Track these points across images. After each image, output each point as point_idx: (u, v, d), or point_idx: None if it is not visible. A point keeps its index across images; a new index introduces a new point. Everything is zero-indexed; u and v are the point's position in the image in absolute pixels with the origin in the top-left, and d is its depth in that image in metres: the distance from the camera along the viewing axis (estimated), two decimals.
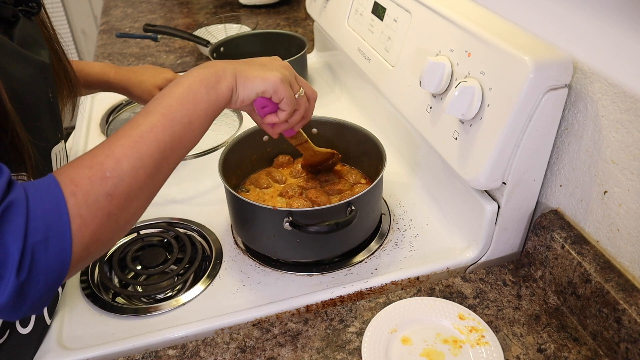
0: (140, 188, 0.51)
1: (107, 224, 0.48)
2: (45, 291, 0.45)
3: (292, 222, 0.71)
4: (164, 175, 0.54)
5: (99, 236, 0.48)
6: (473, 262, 0.79)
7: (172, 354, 0.67)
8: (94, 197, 0.47)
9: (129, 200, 0.50)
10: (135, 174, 0.50)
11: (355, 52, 1.04)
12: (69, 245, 0.45)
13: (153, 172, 0.52)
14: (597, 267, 0.66)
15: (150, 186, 0.52)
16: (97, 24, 2.76)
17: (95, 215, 0.47)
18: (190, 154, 0.95)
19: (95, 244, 0.48)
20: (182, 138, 0.54)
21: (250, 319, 0.72)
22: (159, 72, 0.98)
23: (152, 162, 0.51)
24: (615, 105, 0.63)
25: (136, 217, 0.53)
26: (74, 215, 0.45)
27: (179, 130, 0.54)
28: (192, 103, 0.56)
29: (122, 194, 0.49)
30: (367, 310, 0.71)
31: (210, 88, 0.58)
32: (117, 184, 0.48)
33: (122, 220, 0.50)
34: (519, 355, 0.65)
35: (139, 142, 0.51)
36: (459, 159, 0.72)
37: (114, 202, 0.48)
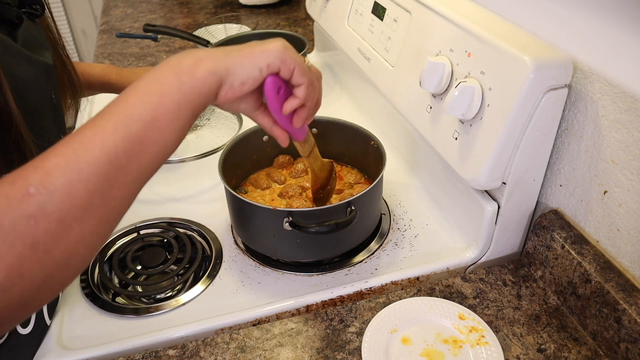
0: (81, 208, 0.39)
1: (33, 256, 0.37)
2: None
3: (292, 222, 0.71)
4: (122, 192, 0.42)
5: (22, 272, 0.36)
6: (473, 262, 0.79)
7: (172, 354, 0.67)
8: (10, 220, 0.36)
9: (65, 225, 0.38)
10: (70, 190, 0.38)
11: (355, 52, 1.04)
12: None
13: (100, 187, 0.40)
14: (597, 267, 0.66)
15: (99, 206, 0.40)
16: (97, 24, 2.76)
17: (12, 243, 0.36)
18: (189, 156, 0.95)
19: (20, 283, 0.36)
20: (143, 140, 0.42)
21: (250, 319, 0.72)
22: None
23: (95, 173, 0.39)
24: (615, 105, 0.63)
25: (86, 246, 0.40)
26: None
27: (136, 130, 0.42)
28: (157, 95, 0.43)
29: (51, 216, 0.37)
30: (367, 310, 0.71)
31: (183, 74, 0.45)
32: (44, 203, 0.37)
33: (59, 251, 0.38)
34: (519, 355, 0.65)
35: (77, 150, 0.40)
36: (459, 159, 0.72)
37: (40, 227, 0.37)
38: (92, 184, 0.39)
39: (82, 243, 0.40)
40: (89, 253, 0.41)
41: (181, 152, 0.99)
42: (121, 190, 0.42)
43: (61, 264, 0.39)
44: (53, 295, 0.41)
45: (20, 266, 0.36)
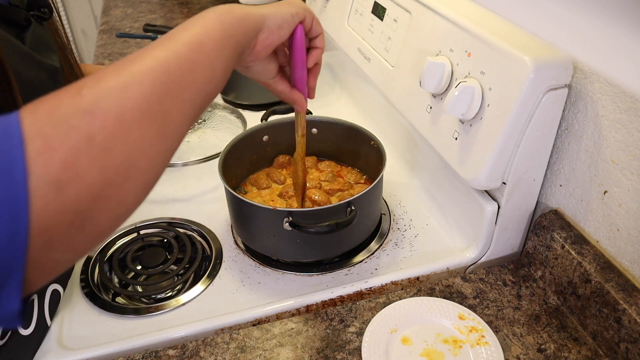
0: (138, 110, 0.37)
1: (90, 152, 0.34)
2: None
3: (292, 222, 0.71)
4: (179, 105, 0.41)
5: (78, 170, 0.33)
6: (473, 262, 0.79)
7: (172, 354, 0.67)
8: (61, 114, 0.34)
9: (124, 126, 0.36)
10: (125, 90, 0.37)
11: (355, 52, 1.04)
12: (21, 170, 0.31)
13: (156, 93, 0.38)
14: (597, 267, 0.66)
15: (157, 113, 0.38)
16: (97, 24, 2.76)
17: (65, 135, 0.33)
18: (192, 160, 0.95)
19: (76, 183, 0.33)
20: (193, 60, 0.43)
21: (250, 319, 0.72)
22: None
23: (150, 79, 0.38)
24: (615, 105, 0.63)
25: (145, 157, 0.38)
26: (30, 135, 0.32)
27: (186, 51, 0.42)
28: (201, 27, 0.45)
29: (107, 112, 0.35)
30: (367, 310, 0.71)
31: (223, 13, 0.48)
32: (99, 100, 0.35)
33: (118, 153, 0.35)
34: (519, 355, 0.65)
35: (128, 63, 0.39)
36: (459, 159, 0.72)
37: (95, 122, 0.34)
38: (147, 88, 0.38)
39: (142, 150, 0.37)
40: (149, 168, 0.38)
41: (184, 155, 0.99)
42: (177, 103, 0.40)
43: (120, 171, 0.36)
44: (109, 219, 0.36)
45: (75, 162, 0.33)
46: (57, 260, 0.35)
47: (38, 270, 0.33)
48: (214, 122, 1.11)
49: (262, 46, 0.53)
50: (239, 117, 1.10)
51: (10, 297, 0.32)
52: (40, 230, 0.32)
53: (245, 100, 1.19)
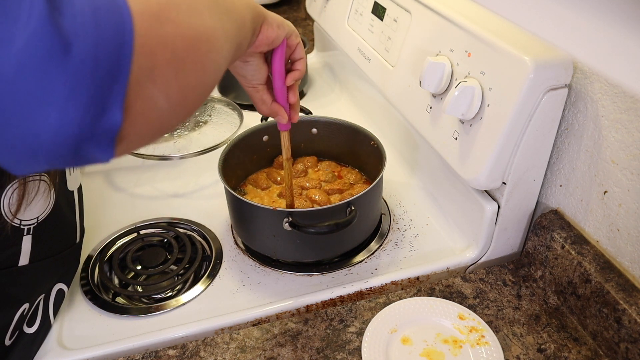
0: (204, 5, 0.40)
1: (175, 9, 0.36)
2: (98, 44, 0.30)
3: (291, 223, 0.71)
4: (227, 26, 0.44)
5: (170, 15, 0.35)
6: (473, 262, 0.79)
7: (172, 354, 0.67)
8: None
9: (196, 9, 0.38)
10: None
11: (355, 52, 1.04)
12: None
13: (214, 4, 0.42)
14: (597, 267, 0.66)
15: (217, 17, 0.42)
16: None
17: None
18: (190, 152, 0.95)
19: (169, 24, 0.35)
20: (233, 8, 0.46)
21: (250, 319, 0.72)
22: None
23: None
24: (615, 105, 0.63)
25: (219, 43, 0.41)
26: None
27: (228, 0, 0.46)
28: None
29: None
30: (367, 310, 0.71)
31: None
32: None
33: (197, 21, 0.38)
34: (519, 355, 0.65)
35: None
36: (459, 159, 0.72)
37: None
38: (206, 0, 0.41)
39: (213, 33, 0.40)
40: (221, 53, 0.41)
41: (183, 148, 0.99)
42: (229, 21, 0.44)
43: (203, 37, 0.38)
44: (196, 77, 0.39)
45: (168, 10, 0.35)
46: (153, 98, 0.35)
47: (137, 102, 0.33)
48: (211, 115, 1.11)
49: (264, 36, 0.57)
50: (235, 109, 1.10)
51: (113, 107, 0.32)
52: (144, 51, 0.33)
53: (246, 100, 1.19)
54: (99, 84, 0.31)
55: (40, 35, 0.29)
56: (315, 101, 1.26)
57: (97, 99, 0.31)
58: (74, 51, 0.29)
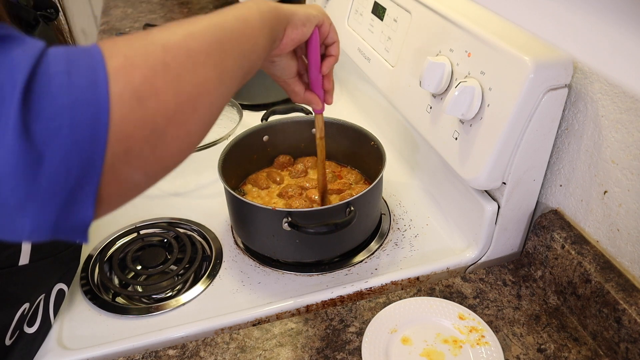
0: (204, 53, 0.41)
1: (166, 75, 0.37)
2: (70, 149, 0.31)
3: (291, 223, 0.71)
4: (233, 59, 0.45)
5: (157, 88, 0.36)
6: (473, 262, 0.79)
7: (172, 354, 0.67)
8: (140, 44, 0.37)
9: (192, 61, 0.39)
10: (191, 36, 0.41)
11: (355, 52, 1.04)
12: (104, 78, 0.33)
13: (215, 45, 0.42)
14: (597, 267, 0.66)
15: (218, 61, 0.42)
16: (97, 24, 2.76)
17: (145, 58, 0.36)
18: None
19: (154, 100, 0.35)
20: (240, 30, 0.47)
21: (250, 319, 0.72)
22: None
23: (210, 34, 0.43)
24: (615, 105, 0.63)
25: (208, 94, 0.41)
26: (112, 54, 0.35)
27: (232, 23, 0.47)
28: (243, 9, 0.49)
29: (179, 48, 0.39)
30: (367, 310, 0.71)
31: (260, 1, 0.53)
32: (169, 38, 0.39)
33: (188, 80, 0.38)
34: (519, 355, 0.65)
35: (184, 22, 0.43)
36: (459, 159, 0.72)
37: (169, 53, 0.38)
38: (208, 37, 0.42)
39: (206, 89, 0.40)
40: (209, 106, 0.41)
41: None
42: (231, 56, 0.44)
43: (190, 100, 0.39)
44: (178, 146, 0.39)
45: (154, 80, 0.36)
46: (128, 178, 0.36)
47: (111, 185, 0.34)
48: None
49: (288, 39, 0.57)
50: (233, 105, 1.10)
51: (85, 204, 0.33)
52: (119, 137, 0.33)
53: (246, 100, 1.19)
54: (71, 187, 0.32)
55: (11, 152, 0.30)
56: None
57: (69, 200, 0.32)
58: (45, 164, 0.31)
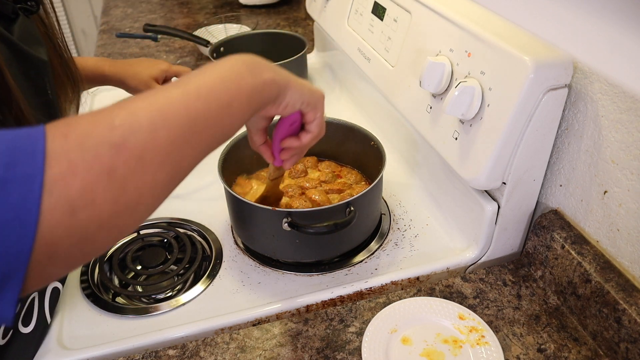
0: (160, 153, 0.39)
1: (108, 183, 0.35)
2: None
3: (291, 223, 0.71)
4: (193, 154, 0.43)
5: (95, 197, 0.35)
6: (473, 262, 0.79)
7: (172, 354, 0.67)
8: (92, 143, 0.35)
9: (143, 164, 0.38)
10: (154, 132, 0.38)
11: (355, 52, 1.04)
12: (37, 190, 0.32)
13: (179, 141, 0.40)
14: (597, 267, 0.66)
15: (175, 158, 0.40)
16: (97, 24, 2.76)
17: (90, 164, 0.35)
18: None
19: (89, 209, 0.35)
20: (218, 118, 0.45)
21: (250, 319, 0.72)
22: (155, 64, 0.99)
23: (178, 126, 0.40)
24: (615, 105, 0.63)
25: (153, 196, 0.40)
26: (57, 156, 0.34)
27: (215, 106, 0.44)
28: (234, 83, 0.47)
29: (133, 150, 0.37)
30: (367, 310, 0.71)
31: (256, 75, 0.49)
32: (128, 136, 0.37)
33: (131, 189, 0.37)
34: (519, 355, 0.65)
35: (163, 103, 0.40)
36: (459, 159, 0.72)
37: (120, 157, 0.36)
38: (173, 133, 0.40)
39: (152, 190, 0.39)
40: (152, 204, 0.41)
41: None
42: (194, 151, 0.43)
43: (130, 204, 0.38)
44: (107, 243, 0.39)
45: (94, 189, 0.35)
46: (52, 273, 0.36)
47: (33, 280, 0.35)
48: None
49: (265, 113, 0.56)
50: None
51: (5, 306, 0.33)
52: (45, 245, 0.33)
53: None
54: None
55: None
56: None
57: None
58: None
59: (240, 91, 0.47)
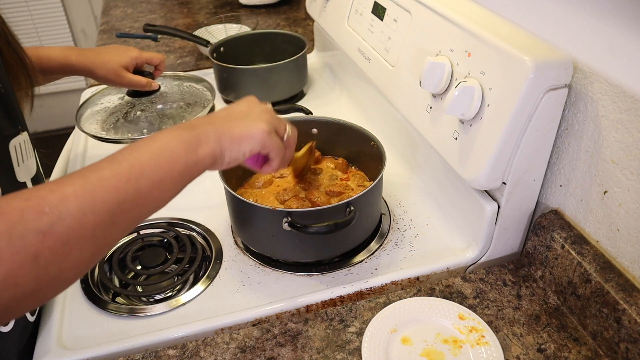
0: (85, 236, 0.42)
1: (32, 267, 0.39)
2: None
3: (291, 223, 0.71)
4: (119, 232, 0.46)
5: (17, 281, 0.38)
6: (473, 262, 0.79)
7: (172, 354, 0.67)
8: (20, 231, 0.39)
9: (68, 247, 0.41)
10: (81, 218, 0.42)
11: (355, 52, 1.04)
12: None
13: (105, 223, 0.44)
14: (597, 267, 0.66)
15: (99, 239, 0.44)
16: (97, 24, 2.76)
17: (16, 251, 0.38)
18: None
19: (12, 291, 0.38)
20: (148, 196, 0.47)
21: (250, 319, 0.72)
22: (124, 51, 0.96)
23: (106, 210, 0.44)
24: (615, 105, 0.63)
25: (75, 271, 0.43)
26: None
27: (145, 186, 0.47)
28: (168, 161, 0.49)
29: (59, 237, 0.40)
30: (367, 310, 0.71)
31: (191, 151, 0.52)
32: (55, 223, 0.40)
33: (54, 269, 0.41)
34: (519, 355, 0.65)
35: (95, 185, 0.44)
36: (459, 159, 0.72)
37: (46, 243, 0.40)
38: (100, 218, 0.43)
39: (74, 267, 0.43)
40: (72, 278, 0.44)
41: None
42: (118, 229, 0.46)
43: (50, 282, 0.41)
44: (29, 308, 0.44)
45: (17, 275, 0.38)
46: None
47: None
48: (184, 95, 1.06)
49: (213, 169, 0.57)
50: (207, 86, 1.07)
51: None
52: None
53: None
54: None
55: None
56: (315, 101, 1.26)
57: None
58: None
59: (173, 169, 0.50)
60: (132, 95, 1.01)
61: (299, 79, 1.24)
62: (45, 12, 2.73)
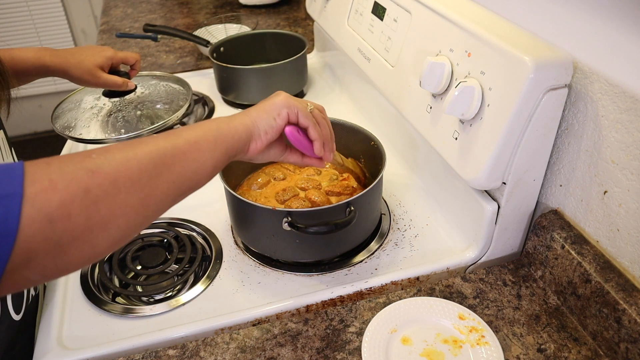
0: (131, 179, 0.45)
1: (83, 200, 0.41)
2: None
3: (291, 223, 0.71)
4: (165, 185, 0.49)
5: (70, 212, 0.40)
6: (473, 262, 0.79)
7: (172, 354, 0.67)
8: (71, 168, 0.42)
9: (116, 188, 0.44)
10: (126, 162, 0.45)
11: (355, 52, 1.04)
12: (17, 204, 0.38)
13: (149, 171, 0.47)
14: (597, 267, 0.66)
15: (146, 187, 0.47)
16: (97, 24, 2.76)
17: (69, 183, 0.41)
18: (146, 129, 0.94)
19: (65, 222, 0.40)
20: (187, 153, 0.51)
21: (250, 319, 0.72)
22: (99, 51, 0.95)
23: (148, 159, 0.47)
24: (615, 105, 0.63)
25: (124, 219, 0.45)
26: (39, 177, 0.40)
27: (182, 144, 0.51)
28: (201, 130, 0.55)
29: (106, 176, 0.43)
30: (367, 310, 0.71)
31: (221, 123, 0.58)
32: (102, 164, 0.44)
33: (104, 208, 0.43)
34: (519, 355, 0.65)
35: (134, 143, 0.48)
36: (459, 159, 0.72)
37: (95, 180, 0.42)
38: (143, 165, 0.47)
39: (123, 212, 0.45)
40: (124, 226, 0.45)
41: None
42: (163, 183, 0.49)
43: (102, 223, 0.43)
44: (79, 259, 0.44)
45: (70, 205, 0.40)
46: (26, 278, 0.41)
47: (7, 284, 0.39)
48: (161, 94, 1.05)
49: (254, 150, 0.61)
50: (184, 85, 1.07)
51: None
52: (23, 251, 0.38)
53: (245, 100, 1.19)
54: None
55: None
56: (315, 101, 1.25)
57: None
58: None
59: (207, 133, 0.55)
60: (108, 96, 1.00)
61: (299, 79, 1.24)
62: (45, 12, 2.73)
